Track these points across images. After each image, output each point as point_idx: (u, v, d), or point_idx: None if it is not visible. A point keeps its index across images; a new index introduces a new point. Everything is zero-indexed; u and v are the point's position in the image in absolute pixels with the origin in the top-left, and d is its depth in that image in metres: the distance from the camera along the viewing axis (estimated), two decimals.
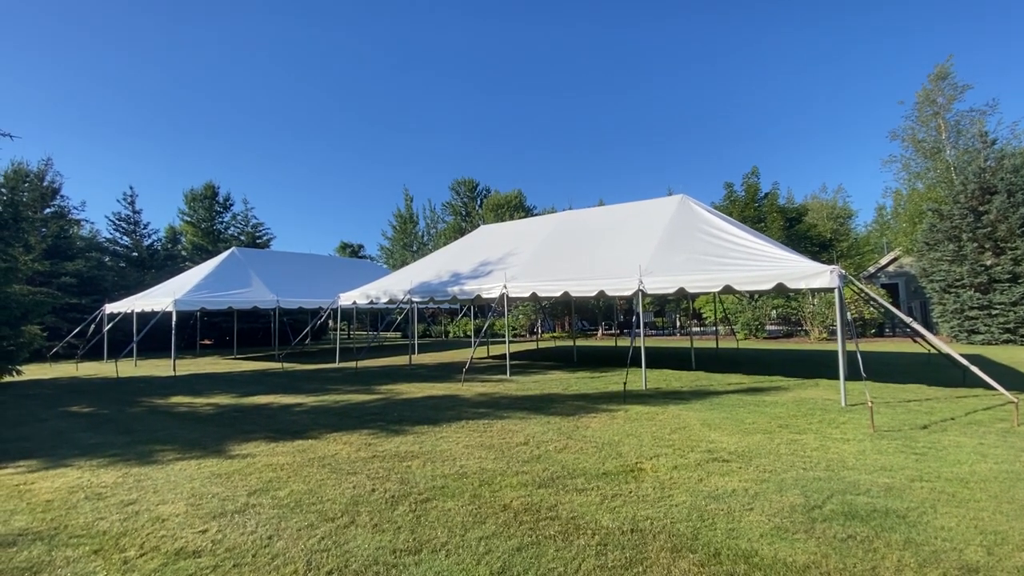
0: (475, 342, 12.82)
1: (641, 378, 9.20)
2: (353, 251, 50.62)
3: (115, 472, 4.76)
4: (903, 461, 4.62)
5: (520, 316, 28.12)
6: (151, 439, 6.09)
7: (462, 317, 29.59)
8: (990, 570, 2.72)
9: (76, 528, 3.52)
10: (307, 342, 21.01)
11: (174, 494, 4.12)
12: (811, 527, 3.27)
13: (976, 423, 6.03)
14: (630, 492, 3.96)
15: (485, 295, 11.34)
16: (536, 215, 35.26)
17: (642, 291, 8.85)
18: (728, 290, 8.29)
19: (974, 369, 6.43)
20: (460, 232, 38.24)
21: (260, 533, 3.34)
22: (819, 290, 10.81)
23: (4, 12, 49.97)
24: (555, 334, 28.95)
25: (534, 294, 10.55)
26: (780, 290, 8.08)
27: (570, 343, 21.18)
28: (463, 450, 5.25)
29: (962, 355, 7.00)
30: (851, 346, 9.11)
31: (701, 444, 5.29)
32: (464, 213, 43.80)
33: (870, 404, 5.93)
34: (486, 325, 12.11)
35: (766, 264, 8.26)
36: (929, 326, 20.39)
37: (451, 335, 30.91)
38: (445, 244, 34.74)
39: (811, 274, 7.49)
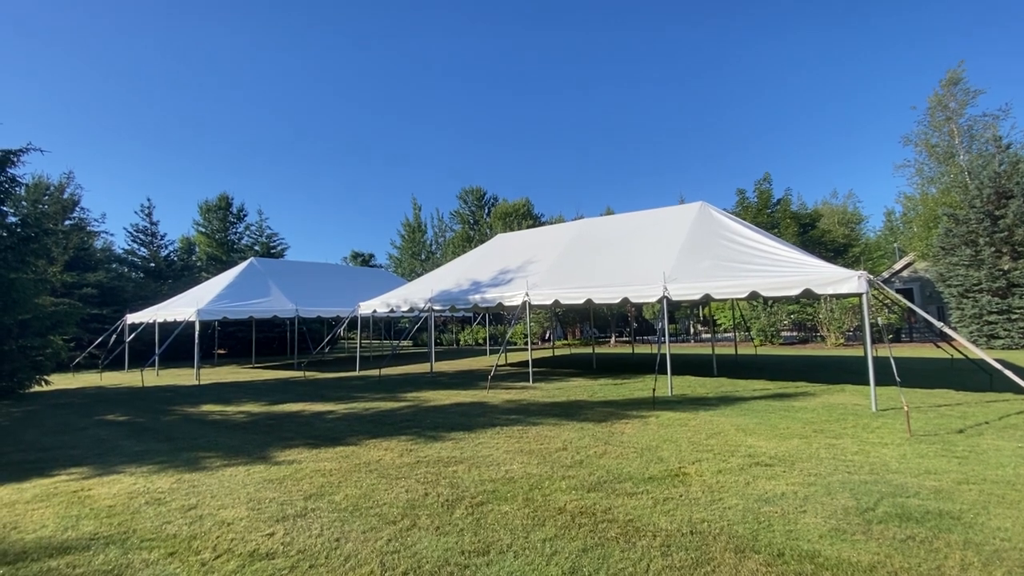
0: (501, 349, 12.90)
1: (667, 384, 9.25)
2: (364, 260, 51.01)
3: (168, 478, 4.87)
4: (946, 464, 4.65)
5: (532, 324, 28.22)
6: (193, 446, 6.20)
7: (476, 324, 29.72)
8: None
9: (145, 532, 3.62)
10: (327, 351, 21.15)
11: (232, 499, 4.22)
12: (868, 528, 3.32)
13: (1012, 427, 6.03)
14: (680, 496, 4.02)
15: (507, 303, 11.43)
16: (544, 223, 35.43)
17: (668, 298, 8.91)
18: (754, 296, 8.34)
19: (1008, 373, 6.44)
20: (468, 241, 38.40)
21: (327, 536, 3.42)
22: (845, 295, 10.80)
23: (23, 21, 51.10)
24: (567, 341, 28.99)
25: (556, 301, 10.63)
26: (807, 295, 8.12)
27: (584, 350, 21.24)
28: (504, 455, 5.32)
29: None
30: (883, 351, 9.12)
31: (740, 449, 5.34)
32: (472, 222, 44.01)
33: (907, 408, 5.94)
34: (508, 333, 12.22)
35: (792, 270, 8.31)
36: None
37: (462, 343, 31.03)
38: (453, 252, 34.97)
39: (839, 279, 7.54)
